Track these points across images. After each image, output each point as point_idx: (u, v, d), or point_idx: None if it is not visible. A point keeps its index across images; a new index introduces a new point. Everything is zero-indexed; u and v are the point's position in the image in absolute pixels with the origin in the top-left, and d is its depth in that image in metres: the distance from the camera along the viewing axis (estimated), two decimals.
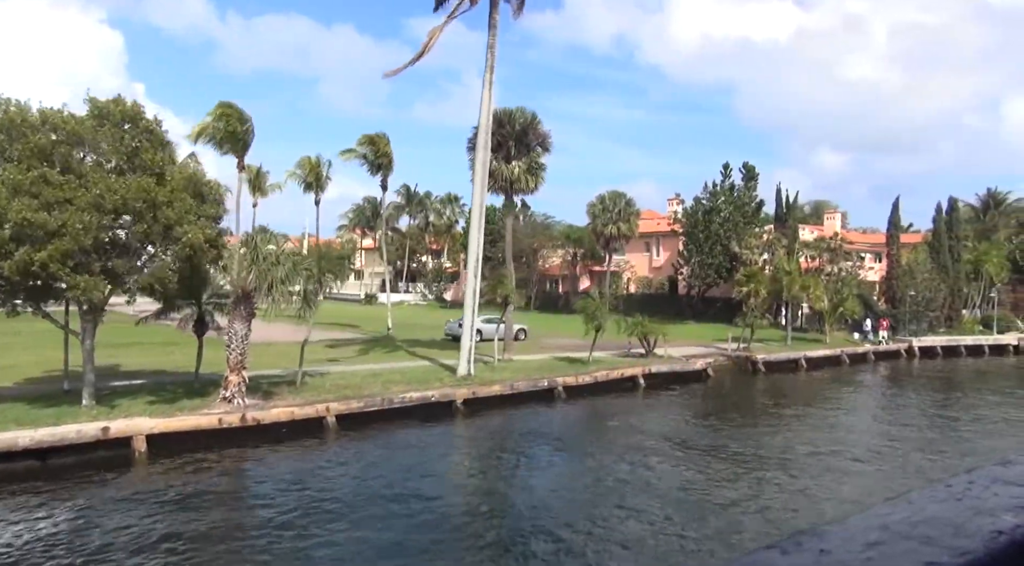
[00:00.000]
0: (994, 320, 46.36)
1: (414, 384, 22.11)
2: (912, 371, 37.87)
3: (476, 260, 23.09)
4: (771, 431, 21.34)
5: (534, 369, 26.28)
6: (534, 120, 26.93)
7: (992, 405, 26.67)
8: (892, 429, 21.97)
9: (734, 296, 42.35)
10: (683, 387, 28.37)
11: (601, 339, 31.70)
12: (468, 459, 17.97)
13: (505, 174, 26.18)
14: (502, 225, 69.89)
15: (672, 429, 21.40)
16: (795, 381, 32.55)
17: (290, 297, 18.73)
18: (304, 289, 18.44)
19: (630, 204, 57.41)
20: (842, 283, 43.42)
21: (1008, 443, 19.77)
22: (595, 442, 19.65)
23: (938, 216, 47.27)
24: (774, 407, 26.17)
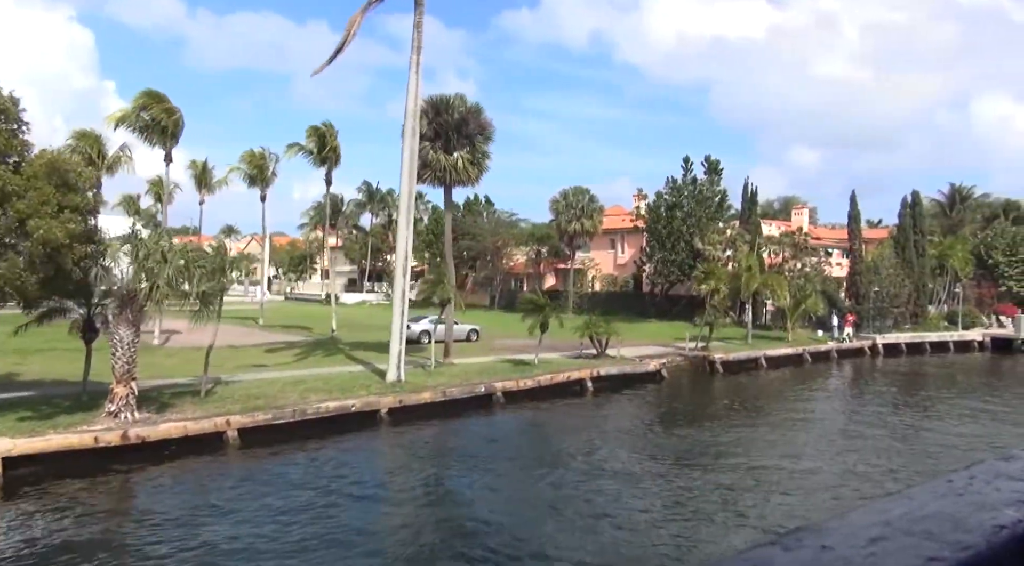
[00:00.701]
0: (959, 316, 45.67)
1: (336, 392, 20.37)
2: (876, 370, 36.87)
3: (404, 257, 21.40)
4: (724, 438, 19.89)
5: (475, 373, 24.63)
6: (475, 109, 25.29)
7: (957, 408, 25.55)
8: (851, 435, 20.61)
9: (694, 293, 41.14)
10: (634, 390, 26.91)
11: (556, 339, 30.25)
12: (386, 476, 16.26)
13: (444, 165, 24.48)
14: (469, 222, 68.60)
15: (618, 437, 19.87)
16: (754, 382, 31.30)
17: (186, 299, 16.90)
18: (197, 289, 16.58)
19: (593, 200, 56.09)
20: (806, 279, 42.41)
21: (970, 455, 18.52)
22: (532, 454, 18.02)
23: (902, 211, 46.46)
24: (730, 411, 24.79)
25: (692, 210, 46.99)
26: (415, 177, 21.36)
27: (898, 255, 45.80)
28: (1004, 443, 19.42)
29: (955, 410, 24.61)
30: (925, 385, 32.11)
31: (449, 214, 26.44)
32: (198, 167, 48.68)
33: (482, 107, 25.30)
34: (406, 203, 20.99)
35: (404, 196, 21.04)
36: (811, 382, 31.71)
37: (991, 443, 19.47)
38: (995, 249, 49.88)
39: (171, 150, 30.84)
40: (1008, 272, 49.12)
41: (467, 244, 64.22)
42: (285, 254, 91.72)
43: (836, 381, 32.76)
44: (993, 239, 50.63)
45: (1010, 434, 21.11)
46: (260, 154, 43.09)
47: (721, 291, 33.46)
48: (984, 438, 20.18)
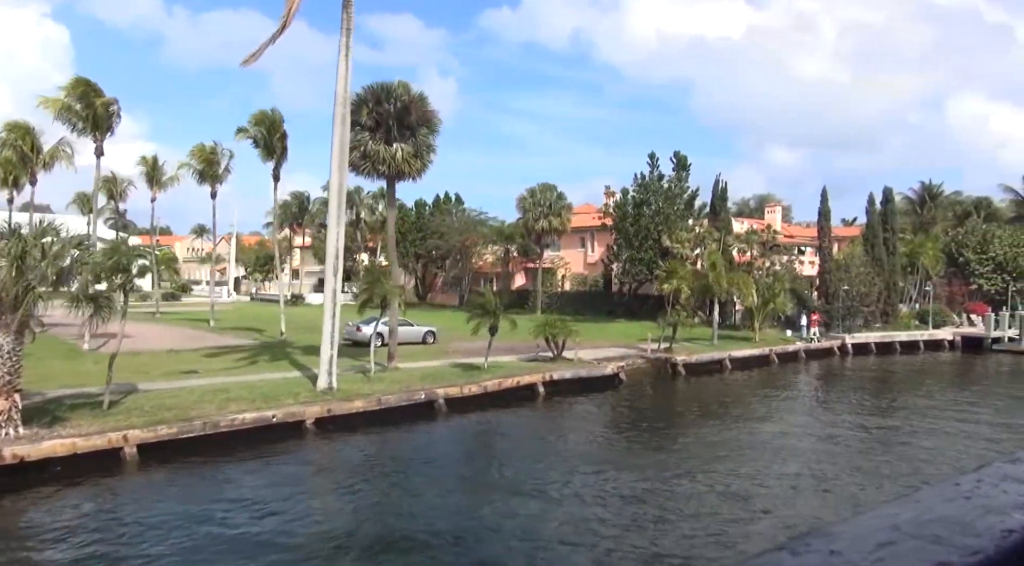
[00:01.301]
0: (929, 315, 44.95)
1: (260, 401, 18.81)
2: (844, 371, 35.92)
3: (335, 255, 19.88)
4: (678, 448, 18.64)
5: (418, 379, 23.16)
6: (418, 98, 23.78)
7: (927, 412, 24.52)
8: (816, 444, 19.38)
9: (658, 293, 39.98)
10: (590, 395, 25.60)
11: (516, 341, 28.88)
12: (299, 499, 14.74)
13: (384, 157, 22.98)
14: (438, 220, 67.02)
15: (567, 448, 18.48)
16: (718, 384, 30.15)
17: (82, 302, 15.28)
18: (86, 292, 14.96)
19: (561, 198, 54.77)
20: (775, 278, 41.42)
21: (943, 468, 17.41)
22: (463, 470, 16.60)
23: (871, 208, 45.64)
24: (689, 417, 23.55)
25: (660, 207, 45.85)
26: (346, 170, 19.86)
27: (868, 253, 44.99)
28: (978, 451, 18.37)
29: (926, 415, 23.57)
30: (894, 387, 31.16)
31: (392, 210, 24.92)
32: (148, 163, 46.69)
33: (427, 96, 23.83)
34: (336, 198, 19.48)
35: (334, 190, 19.53)
36: (777, 384, 30.61)
37: (965, 450, 18.41)
38: (966, 247, 49.30)
39: (103, 143, 28.98)
40: (979, 270, 48.55)
41: (435, 243, 62.74)
42: (253, 254, 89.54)
43: (803, 383, 31.66)
44: (964, 237, 50.05)
45: (983, 438, 20.06)
46: (211, 149, 41.21)
47: (684, 291, 32.27)
48: (957, 445, 19.11)
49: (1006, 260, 47.99)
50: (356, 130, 23.49)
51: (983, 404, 25.51)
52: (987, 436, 20.27)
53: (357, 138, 23.40)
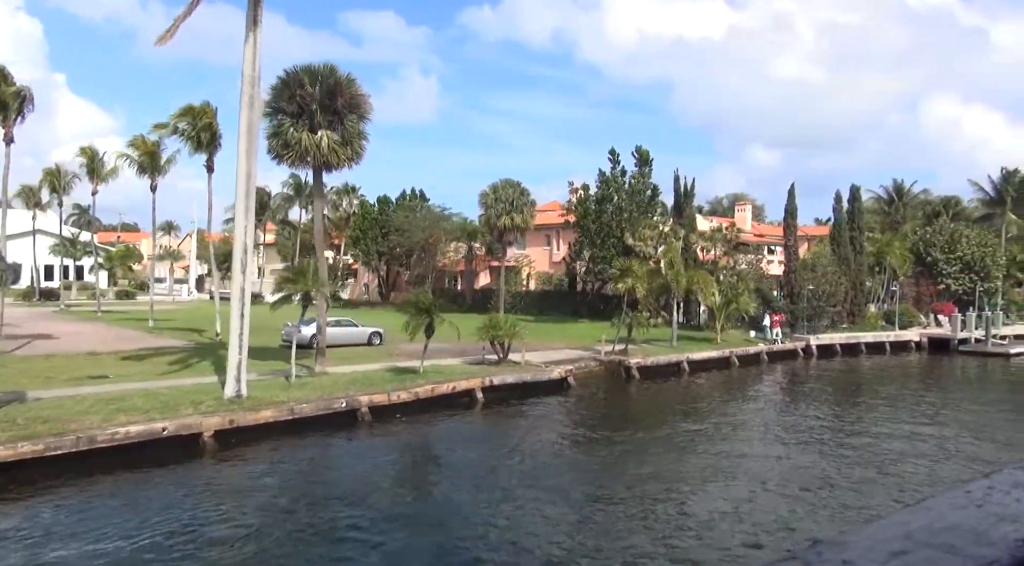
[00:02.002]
0: (896, 315, 44.02)
1: (156, 411, 17.00)
2: (809, 373, 34.71)
3: (243, 250, 18.09)
4: (621, 466, 17.10)
5: (346, 384, 21.43)
6: (346, 81, 22.01)
7: (891, 420, 23.29)
8: (772, 463, 17.89)
9: (614, 293, 38.59)
10: (534, 401, 24.03)
11: (466, 343, 27.29)
12: (151, 534, 12.93)
13: (308, 145, 21.21)
14: (402, 217, 65.04)
15: (501, 465, 16.73)
16: (674, 389, 28.72)
17: None
18: None
19: (524, 194, 52.99)
20: (738, 277, 40.19)
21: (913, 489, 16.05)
22: (383, 495, 14.63)
23: (838, 206, 44.57)
24: (637, 427, 21.95)
25: (622, 204, 44.45)
26: (254, 156, 18.05)
27: (834, 252, 43.96)
28: (948, 473, 17.07)
29: (889, 424, 22.30)
30: (859, 392, 29.92)
31: (320, 202, 23.10)
32: (88, 154, 44.37)
33: (356, 79, 22.05)
34: (244, 187, 17.67)
35: (241, 178, 17.71)
36: (735, 389, 29.29)
37: (934, 467, 17.09)
38: (934, 246, 48.49)
39: (11, 128, 26.85)
40: (946, 270, 47.74)
41: (397, 240, 60.84)
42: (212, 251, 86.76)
43: (763, 388, 30.31)
44: (932, 236, 49.23)
45: (953, 456, 18.78)
46: (152, 141, 39.03)
47: (640, 290, 30.86)
48: (920, 469, 17.78)
49: (974, 260, 47.23)
50: (278, 116, 21.73)
51: (951, 415, 24.29)
52: (956, 452, 18.97)
53: (278, 125, 21.64)
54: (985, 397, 27.89)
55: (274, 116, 21.76)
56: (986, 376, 35.03)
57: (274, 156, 22.10)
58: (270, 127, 21.78)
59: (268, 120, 21.82)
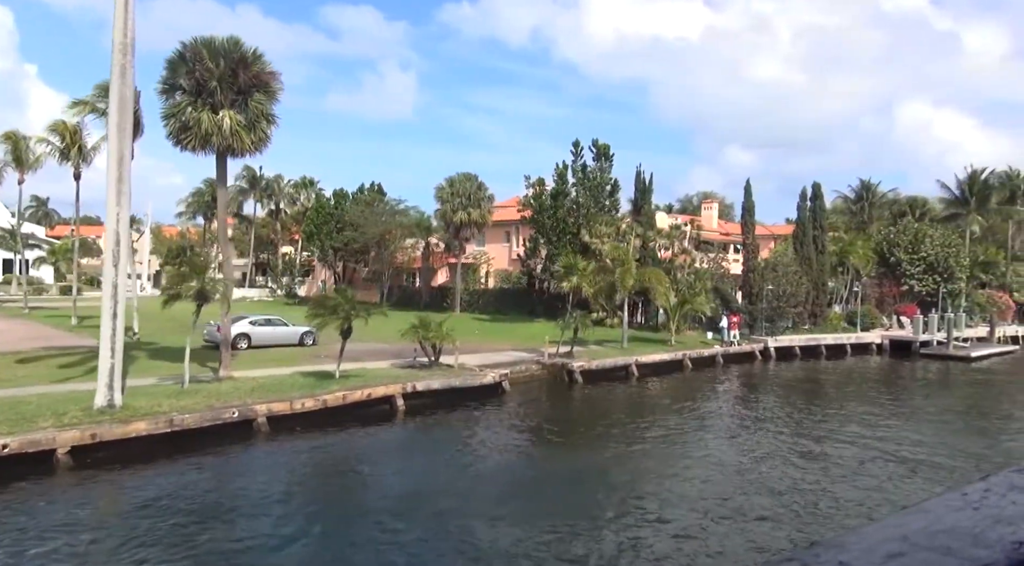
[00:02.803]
0: (857, 316, 42.86)
1: (10, 423, 14.85)
2: (764, 377, 33.25)
3: (116, 241, 15.97)
4: (548, 488, 15.32)
5: (249, 391, 19.36)
6: (252, 56, 19.91)
7: (849, 432, 21.78)
8: (713, 482, 16.27)
9: (562, 291, 36.92)
10: (463, 408, 22.17)
11: (406, 344, 25.41)
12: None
13: (208, 126, 19.10)
14: (358, 212, 62.70)
15: (403, 488, 14.86)
16: (619, 394, 27.02)
17: None
18: None
19: (482, 188, 51.27)
20: (696, 276, 38.69)
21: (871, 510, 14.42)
22: (262, 525, 12.78)
23: (801, 204, 43.28)
24: (568, 438, 20.16)
25: (580, 199, 42.73)
26: (128, 135, 15.92)
27: (796, 252, 42.68)
28: (908, 485, 15.51)
29: (844, 435, 20.78)
30: (813, 396, 28.45)
31: (223, 190, 20.95)
32: (11, 139, 41.55)
33: (263, 54, 19.96)
34: (115, 171, 15.54)
35: (113, 160, 15.58)
36: (685, 395, 27.65)
37: (885, 484, 15.52)
38: (897, 246, 47.48)
39: None
40: (910, 270, 46.77)
41: (351, 235, 58.50)
42: (165, 245, 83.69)
43: (715, 393, 28.68)
44: (896, 236, 48.21)
45: (913, 475, 17.25)
46: (73, 126, 36.42)
47: (586, 289, 29.16)
48: (873, 494, 16.22)
49: (937, 260, 46.30)
50: (175, 94, 19.59)
51: (907, 424, 22.87)
52: (913, 463, 17.46)
53: (175, 104, 19.49)
54: (943, 403, 26.57)
55: (170, 94, 19.62)
56: (946, 381, 33.86)
57: (174, 141, 19.94)
58: (166, 107, 19.64)
59: (163, 99, 19.68)
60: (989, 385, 32.54)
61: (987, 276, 54.04)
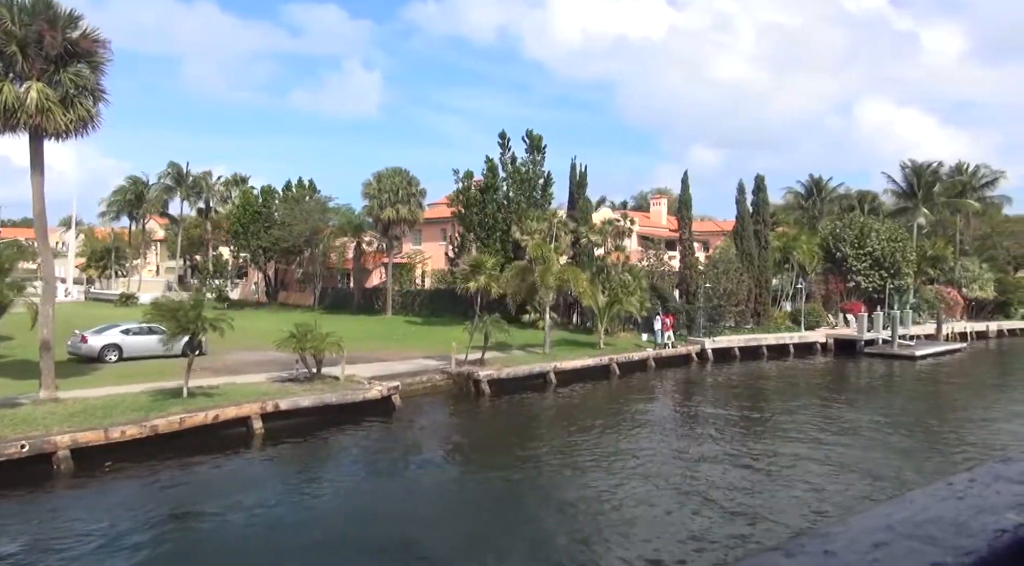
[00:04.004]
0: (801, 314, 40.98)
1: None
2: (701, 382, 30.96)
3: None
4: (414, 528, 12.58)
5: (67, 416, 16.19)
6: (68, 18, 16.81)
7: (780, 443, 19.43)
8: (622, 514, 13.70)
9: (478, 293, 34.26)
10: (342, 428, 19.32)
11: (293, 353, 22.36)
12: None
13: (10, 101, 15.95)
14: (286, 210, 59.23)
15: (239, 540, 12.02)
16: (531, 406, 24.40)
17: None
18: None
19: (413, 183, 48.35)
20: (631, 274, 36.32)
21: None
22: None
23: (741, 197, 41.20)
24: (463, 463, 17.44)
25: (511, 194, 40.10)
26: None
27: (737, 247, 40.63)
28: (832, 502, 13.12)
29: (776, 446, 18.42)
30: (750, 402, 26.18)
31: (37, 178, 17.68)
32: None
33: (81, 17, 16.84)
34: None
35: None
36: (607, 405, 25.14)
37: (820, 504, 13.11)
38: (843, 241, 45.76)
39: None
40: (856, 266, 45.09)
41: (278, 234, 55.02)
42: (90, 247, 78.94)
43: (640, 401, 25.99)
44: (841, 230, 46.50)
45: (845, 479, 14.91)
46: None
47: (494, 289, 26.53)
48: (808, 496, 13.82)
49: (883, 256, 44.69)
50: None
51: (856, 439, 20.64)
52: (849, 478, 15.13)
53: None
54: (878, 411, 24.42)
55: None
56: (889, 382, 32.00)
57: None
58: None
59: None
60: (930, 386, 30.69)
61: (935, 271, 52.84)
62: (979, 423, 22.54)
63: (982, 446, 18.66)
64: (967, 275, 53.74)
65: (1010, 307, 56.99)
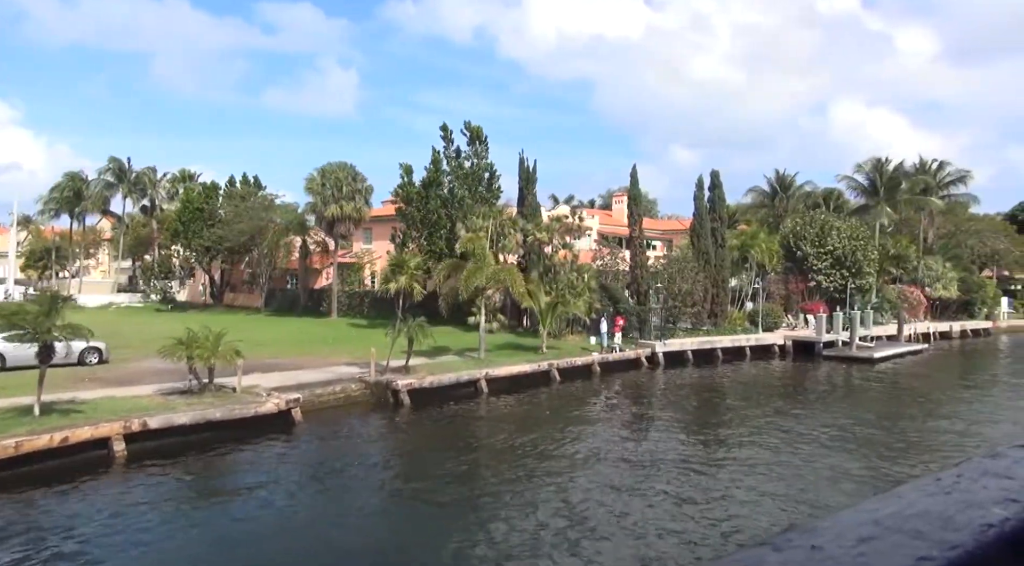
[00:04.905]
0: (759, 315, 39.41)
1: None
2: (649, 389, 29.07)
3: None
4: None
5: None
6: None
7: (724, 464, 17.57)
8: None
9: (426, 292, 32.15)
10: (223, 449, 17.06)
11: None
12: None
13: None
14: (230, 207, 56.25)
15: None
16: (456, 420, 22.26)
17: None
18: None
19: (357, 179, 46.10)
20: (578, 274, 34.44)
21: None
22: None
23: (698, 193, 39.50)
24: (362, 491, 15.29)
25: (455, 189, 38.00)
26: None
27: (694, 246, 38.95)
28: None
29: (719, 469, 16.56)
30: (698, 412, 24.39)
31: None
32: None
33: None
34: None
35: None
36: (541, 416, 23.12)
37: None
38: (804, 239, 44.33)
39: None
40: (817, 265, 43.68)
41: (221, 233, 52.39)
42: (30, 246, 75.29)
43: (578, 414, 23.87)
44: (802, 228, 45.07)
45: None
46: None
47: (417, 289, 24.47)
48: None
49: (845, 254, 43.33)
50: None
51: (814, 465, 18.89)
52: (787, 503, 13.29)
53: None
54: (828, 419, 22.74)
55: None
56: (845, 387, 30.36)
57: None
58: None
59: None
60: (884, 393, 29.04)
61: (898, 270, 51.72)
62: (929, 434, 20.93)
63: (922, 460, 16.98)
64: (931, 274, 52.72)
65: (974, 307, 56.14)
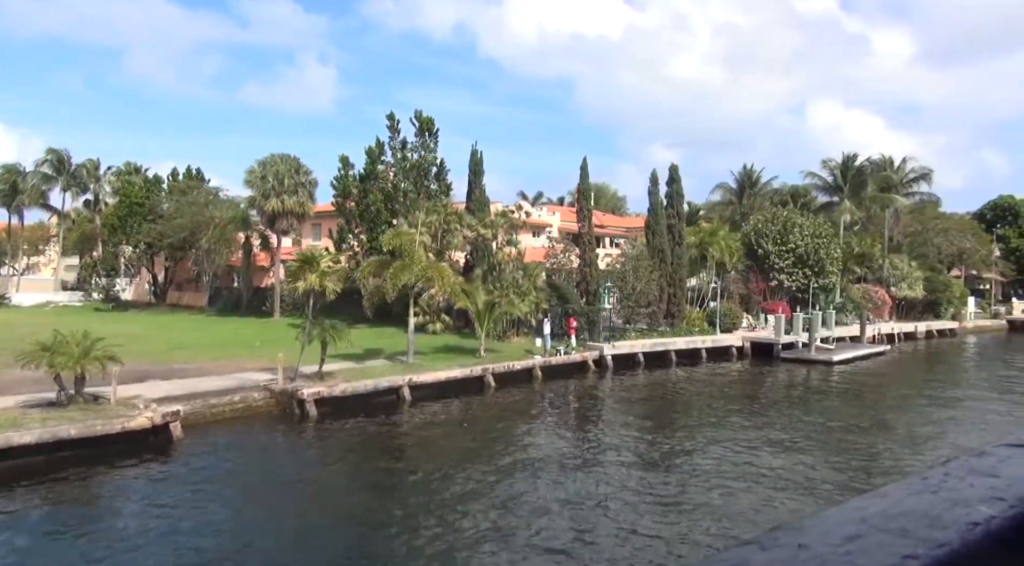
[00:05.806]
0: (717, 316, 37.78)
1: None
2: (594, 396, 27.21)
3: None
4: None
5: None
6: None
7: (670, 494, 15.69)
8: None
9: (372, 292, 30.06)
10: (72, 475, 14.85)
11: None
12: None
13: None
14: (170, 202, 53.31)
15: None
16: (367, 434, 20.09)
17: None
18: None
19: (301, 172, 43.73)
20: (524, 272, 32.51)
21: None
22: None
23: (653, 188, 37.74)
24: (240, 530, 13.21)
25: (400, 183, 35.90)
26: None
27: (649, 243, 37.22)
28: None
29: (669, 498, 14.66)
30: (645, 424, 22.48)
31: None
32: None
33: None
34: None
35: None
36: (469, 428, 21.11)
37: None
38: (765, 237, 42.83)
39: None
40: (778, 264, 42.20)
41: (160, 228, 49.65)
42: None
43: (510, 424, 21.90)
44: (764, 226, 43.57)
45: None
46: None
47: (329, 288, 22.41)
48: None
49: (807, 252, 41.89)
50: None
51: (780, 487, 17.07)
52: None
53: None
54: (783, 427, 21.00)
55: None
56: (802, 392, 28.73)
57: None
58: None
59: None
60: (838, 399, 27.37)
61: (863, 270, 50.48)
62: (877, 443, 19.27)
63: (860, 478, 15.25)
64: (896, 273, 51.57)
65: (940, 307, 55.15)
